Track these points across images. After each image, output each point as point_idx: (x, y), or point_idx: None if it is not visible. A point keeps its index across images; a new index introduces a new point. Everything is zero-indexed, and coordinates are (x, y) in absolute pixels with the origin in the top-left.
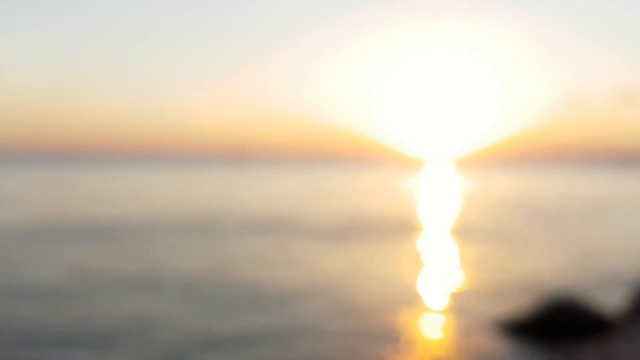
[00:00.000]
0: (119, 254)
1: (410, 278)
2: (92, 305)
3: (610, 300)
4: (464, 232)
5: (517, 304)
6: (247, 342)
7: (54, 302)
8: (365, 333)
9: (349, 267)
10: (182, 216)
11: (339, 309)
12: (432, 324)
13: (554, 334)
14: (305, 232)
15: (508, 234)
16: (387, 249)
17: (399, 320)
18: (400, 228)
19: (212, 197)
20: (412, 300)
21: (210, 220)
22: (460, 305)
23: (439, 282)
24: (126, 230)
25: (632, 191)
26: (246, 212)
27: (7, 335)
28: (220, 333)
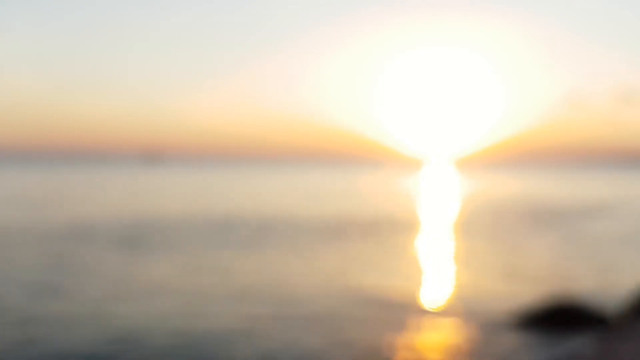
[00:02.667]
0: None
1: (413, 278)
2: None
3: (610, 299)
4: (464, 233)
5: (517, 303)
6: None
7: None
8: (368, 332)
9: (352, 266)
10: (168, 218)
11: (345, 308)
12: (434, 322)
13: (554, 332)
14: (307, 232)
15: (508, 234)
16: (389, 249)
17: (403, 319)
18: (401, 228)
19: (212, 198)
20: (415, 300)
21: (204, 221)
22: (461, 303)
23: (440, 282)
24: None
25: (632, 191)
26: (246, 212)
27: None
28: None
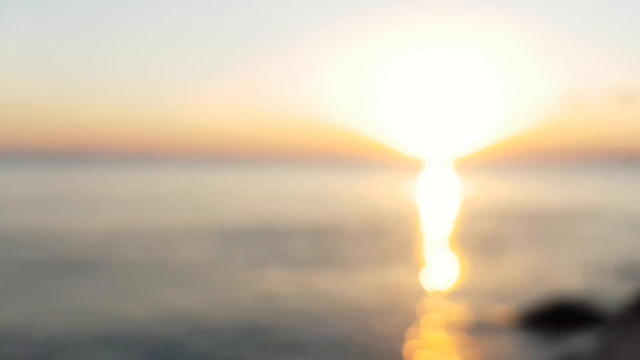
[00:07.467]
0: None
1: (411, 280)
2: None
3: (610, 300)
4: (462, 235)
5: (517, 304)
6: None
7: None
8: (372, 334)
9: (349, 268)
10: (168, 221)
11: (345, 313)
12: (434, 323)
13: (555, 333)
14: (304, 234)
15: (508, 236)
16: (389, 251)
17: (403, 321)
18: (400, 229)
19: (206, 199)
20: (414, 301)
21: (193, 225)
22: (461, 305)
23: (439, 284)
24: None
25: (630, 192)
26: (247, 214)
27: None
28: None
